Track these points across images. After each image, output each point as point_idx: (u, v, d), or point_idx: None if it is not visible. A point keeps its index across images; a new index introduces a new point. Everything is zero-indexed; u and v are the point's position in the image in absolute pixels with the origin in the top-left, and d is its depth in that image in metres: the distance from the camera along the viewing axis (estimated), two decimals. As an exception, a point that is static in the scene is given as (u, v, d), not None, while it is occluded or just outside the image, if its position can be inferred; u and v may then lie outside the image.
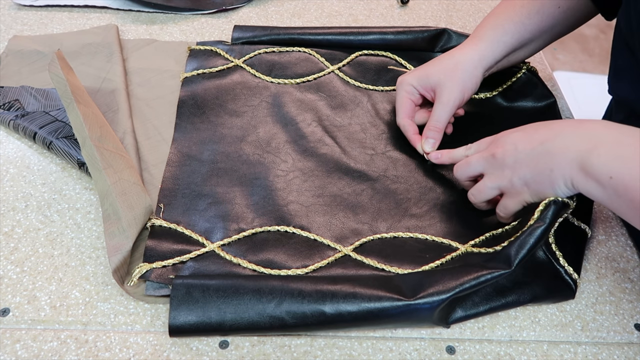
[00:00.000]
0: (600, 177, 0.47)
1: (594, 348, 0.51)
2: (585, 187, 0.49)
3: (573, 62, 2.28)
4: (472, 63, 0.66)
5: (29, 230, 0.57)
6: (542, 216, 0.51)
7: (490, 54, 0.67)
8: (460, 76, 0.65)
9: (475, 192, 0.57)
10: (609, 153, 0.47)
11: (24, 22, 0.85)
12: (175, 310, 0.48)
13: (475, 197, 0.58)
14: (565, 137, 0.50)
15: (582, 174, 0.48)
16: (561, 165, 0.50)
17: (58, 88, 0.64)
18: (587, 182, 0.48)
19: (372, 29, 0.81)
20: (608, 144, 0.48)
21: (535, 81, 0.75)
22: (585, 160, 0.48)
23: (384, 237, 0.58)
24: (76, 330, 0.50)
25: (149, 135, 0.68)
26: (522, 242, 0.50)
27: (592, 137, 0.49)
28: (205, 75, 0.75)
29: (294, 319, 0.48)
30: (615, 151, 0.47)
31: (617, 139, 0.48)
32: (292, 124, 0.69)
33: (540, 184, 0.52)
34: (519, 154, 0.53)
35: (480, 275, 0.49)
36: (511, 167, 0.53)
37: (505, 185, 0.54)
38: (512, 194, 0.54)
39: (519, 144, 0.53)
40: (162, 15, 0.88)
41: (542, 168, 0.51)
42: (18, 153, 0.65)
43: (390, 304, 0.48)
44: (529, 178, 0.52)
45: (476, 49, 0.67)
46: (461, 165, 0.59)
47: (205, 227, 0.58)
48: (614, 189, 0.46)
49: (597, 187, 0.48)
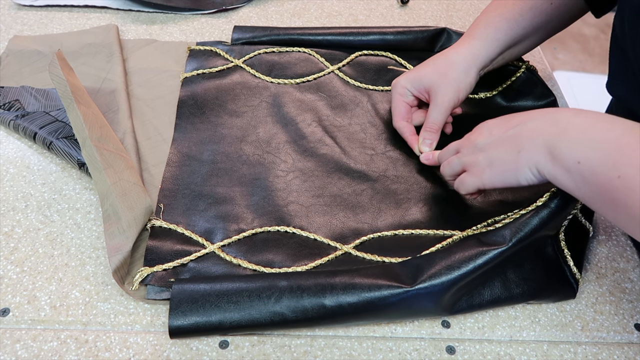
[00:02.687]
0: (567, 162, 0.46)
1: (594, 348, 0.51)
2: (552, 173, 0.47)
3: (573, 62, 2.28)
4: (466, 62, 0.66)
5: (29, 230, 0.57)
6: (549, 200, 0.51)
7: (484, 52, 0.67)
8: (454, 76, 0.65)
9: (446, 163, 0.58)
10: (577, 137, 0.46)
11: (24, 22, 0.85)
12: (175, 310, 0.48)
13: (444, 169, 0.59)
14: (535, 121, 0.50)
15: (549, 158, 0.47)
16: (529, 147, 0.49)
17: (58, 88, 0.64)
18: (553, 167, 0.47)
19: (372, 29, 0.81)
20: (577, 129, 0.47)
21: (535, 80, 0.75)
22: (554, 144, 0.47)
23: (384, 235, 0.58)
24: (76, 330, 0.50)
25: (149, 136, 0.68)
26: (525, 222, 0.50)
27: (562, 122, 0.48)
28: (205, 76, 0.75)
29: (294, 313, 0.48)
30: (583, 135, 0.46)
31: (588, 124, 0.47)
32: (292, 124, 0.69)
33: (504, 165, 0.51)
34: (491, 137, 0.53)
35: (478, 254, 0.49)
36: (481, 148, 0.53)
37: (470, 161, 0.54)
38: (474, 172, 0.54)
39: (494, 129, 0.53)
40: (162, 15, 0.88)
41: (510, 149, 0.50)
42: (18, 153, 0.65)
43: (390, 292, 0.48)
44: (495, 158, 0.52)
45: (470, 48, 0.67)
46: (442, 151, 0.61)
47: (205, 228, 0.58)
48: (580, 174, 0.45)
49: (564, 173, 0.46)
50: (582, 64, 2.28)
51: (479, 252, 0.49)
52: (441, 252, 0.51)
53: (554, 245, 0.55)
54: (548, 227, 0.51)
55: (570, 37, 2.40)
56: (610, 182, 0.43)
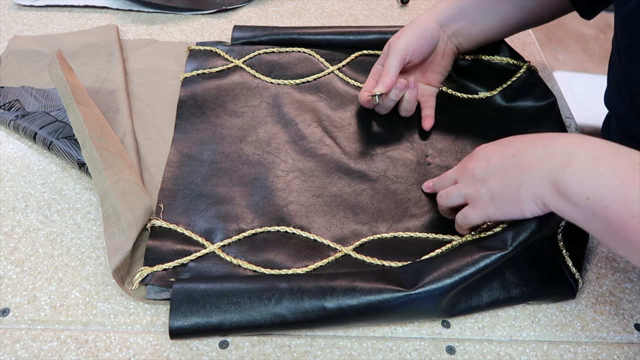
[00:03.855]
0: (575, 198, 0.44)
1: (594, 348, 0.51)
2: (558, 207, 0.46)
3: (573, 62, 2.28)
4: (425, 17, 0.70)
5: (29, 230, 0.57)
6: None
7: (444, 9, 0.70)
8: (412, 27, 0.68)
9: (443, 194, 0.56)
10: (584, 171, 0.44)
11: (24, 22, 0.85)
12: (176, 311, 0.48)
13: (442, 200, 0.57)
14: (535, 152, 0.48)
15: (554, 192, 0.45)
16: (530, 181, 0.47)
17: (58, 88, 0.64)
18: (560, 201, 0.45)
19: (372, 28, 0.81)
20: (582, 161, 0.44)
21: (535, 80, 0.75)
22: (559, 178, 0.45)
23: (383, 237, 0.58)
24: (76, 330, 0.50)
25: (149, 136, 0.68)
26: (525, 225, 0.49)
27: (565, 153, 0.45)
28: (205, 76, 0.75)
29: (294, 315, 0.48)
30: (590, 169, 0.44)
31: (592, 155, 0.44)
32: (292, 125, 0.69)
33: (506, 200, 0.49)
34: (490, 167, 0.51)
35: (479, 258, 0.49)
36: (481, 180, 0.51)
37: (472, 194, 0.52)
38: (476, 205, 0.52)
39: (491, 157, 0.51)
40: (162, 15, 0.88)
41: (511, 182, 0.49)
42: (18, 153, 0.65)
43: (391, 296, 0.48)
44: (496, 191, 0.50)
45: (431, 10, 0.71)
46: (439, 179, 0.59)
47: (205, 228, 0.58)
48: (591, 210, 0.43)
49: (572, 208, 0.44)
50: (582, 64, 2.28)
51: (480, 256, 0.49)
52: (441, 256, 0.51)
53: (552, 246, 0.55)
54: (546, 229, 0.51)
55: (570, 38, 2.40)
56: (625, 222, 0.41)
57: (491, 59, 0.75)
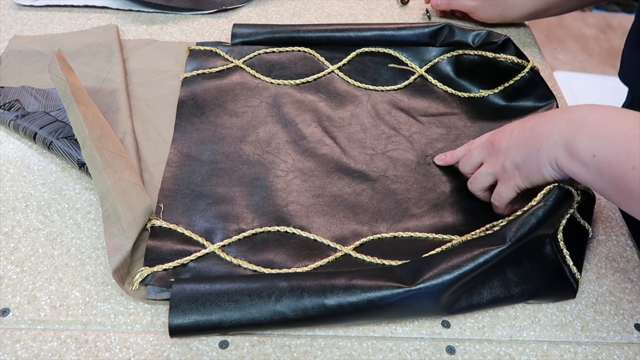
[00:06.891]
0: (583, 156, 0.48)
1: (594, 348, 0.51)
2: (570, 167, 0.49)
3: (573, 62, 2.28)
4: None
5: (29, 230, 0.57)
6: (544, 199, 0.52)
7: None
8: None
9: (472, 180, 0.60)
10: (592, 132, 0.48)
11: (24, 22, 0.85)
12: (175, 309, 0.48)
13: (472, 185, 0.60)
14: (552, 120, 0.52)
15: (567, 153, 0.49)
16: (547, 145, 0.51)
17: (58, 88, 0.64)
18: (571, 162, 0.49)
19: (372, 25, 0.80)
20: (592, 124, 0.48)
21: (537, 81, 0.74)
22: (570, 140, 0.49)
23: (383, 237, 0.58)
24: (76, 330, 0.50)
25: (149, 136, 0.68)
26: (523, 221, 0.51)
27: (577, 118, 0.50)
28: (205, 76, 0.75)
29: (294, 312, 0.48)
30: (598, 130, 0.48)
31: (601, 119, 0.48)
32: (292, 125, 0.69)
33: (529, 166, 0.53)
34: (512, 139, 0.55)
35: (478, 254, 0.49)
36: (504, 152, 0.55)
37: (498, 170, 0.56)
38: (505, 179, 0.55)
39: (514, 130, 0.55)
40: (162, 15, 0.88)
41: (530, 150, 0.52)
42: (18, 153, 0.65)
43: (391, 292, 0.48)
44: (519, 160, 0.53)
45: None
46: (465, 159, 0.61)
47: (205, 228, 0.58)
48: (597, 167, 0.47)
49: (581, 167, 0.48)
50: (582, 64, 2.28)
51: (479, 252, 0.49)
52: (441, 254, 0.51)
53: (552, 245, 0.55)
54: (545, 226, 0.52)
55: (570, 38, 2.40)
56: (625, 173, 0.45)
57: (496, 56, 0.75)
